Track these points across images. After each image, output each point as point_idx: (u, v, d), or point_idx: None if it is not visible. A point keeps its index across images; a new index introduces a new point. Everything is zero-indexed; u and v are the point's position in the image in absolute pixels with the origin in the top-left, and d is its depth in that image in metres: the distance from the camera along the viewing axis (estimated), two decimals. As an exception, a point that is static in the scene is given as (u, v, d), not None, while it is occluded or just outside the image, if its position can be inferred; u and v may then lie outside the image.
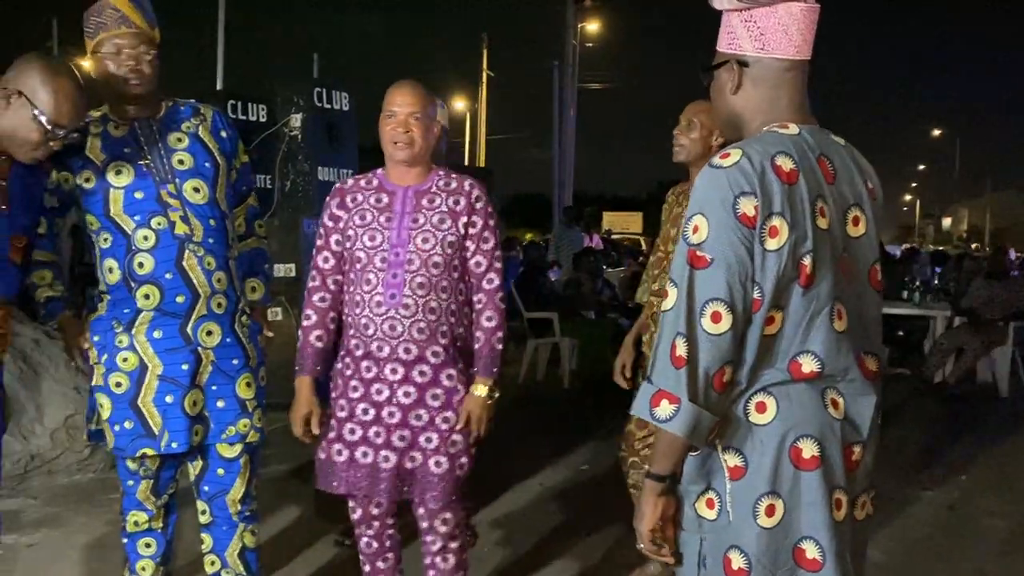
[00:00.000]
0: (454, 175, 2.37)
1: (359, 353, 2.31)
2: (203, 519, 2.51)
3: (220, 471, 2.44)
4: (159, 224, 2.28)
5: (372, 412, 2.30)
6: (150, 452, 2.31)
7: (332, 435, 2.34)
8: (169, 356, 2.30)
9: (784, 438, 1.45)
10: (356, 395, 2.31)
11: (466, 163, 23.58)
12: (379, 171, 2.39)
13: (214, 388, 2.36)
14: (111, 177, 2.28)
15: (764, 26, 1.49)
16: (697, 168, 2.89)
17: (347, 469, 2.31)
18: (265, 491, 2.60)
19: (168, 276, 2.27)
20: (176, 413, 2.30)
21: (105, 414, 2.32)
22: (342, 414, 2.33)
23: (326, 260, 2.37)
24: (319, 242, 2.39)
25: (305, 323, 2.39)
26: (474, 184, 2.35)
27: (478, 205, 2.31)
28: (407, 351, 2.26)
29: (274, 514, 3.65)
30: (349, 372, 2.33)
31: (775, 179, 1.41)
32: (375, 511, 2.39)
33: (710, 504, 1.50)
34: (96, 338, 2.34)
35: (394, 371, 2.27)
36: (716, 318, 1.39)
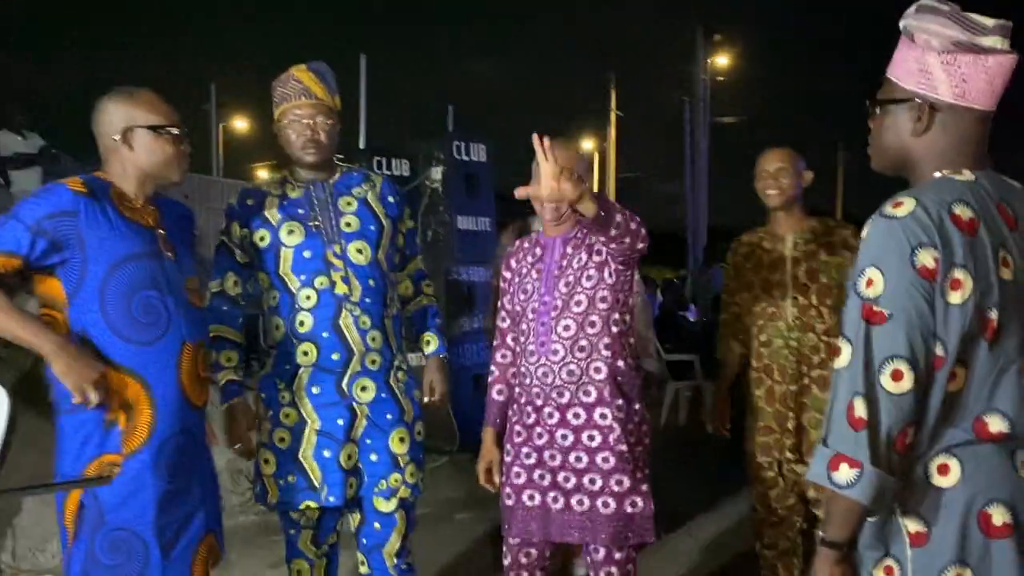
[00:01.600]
0: None
1: (523, 400, 2.36)
2: (362, 569, 2.57)
3: (376, 525, 2.48)
4: (321, 284, 2.38)
5: (534, 456, 2.33)
6: (312, 505, 2.39)
7: (501, 479, 2.41)
8: (326, 411, 2.38)
9: (971, 503, 1.35)
10: (519, 439, 2.36)
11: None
12: (541, 229, 2.46)
13: (368, 442, 2.43)
14: (284, 236, 2.40)
15: (968, 73, 1.40)
16: (788, 212, 2.79)
17: (516, 512, 2.34)
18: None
19: (325, 335, 2.37)
20: (333, 467, 2.38)
21: (270, 469, 2.41)
22: (508, 458, 2.39)
23: (503, 319, 2.49)
24: (499, 302, 2.52)
25: (489, 378, 2.51)
26: None
27: None
28: (560, 394, 2.28)
29: (415, 558, 3.71)
30: (515, 418, 2.39)
31: (954, 229, 1.34)
32: (523, 559, 2.38)
33: (889, 572, 1.42)
34: (263, 395, 2.45)
35: (551, 415, 2.30)
36: (897, 376, 1.32)
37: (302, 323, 2.38)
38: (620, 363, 2.28)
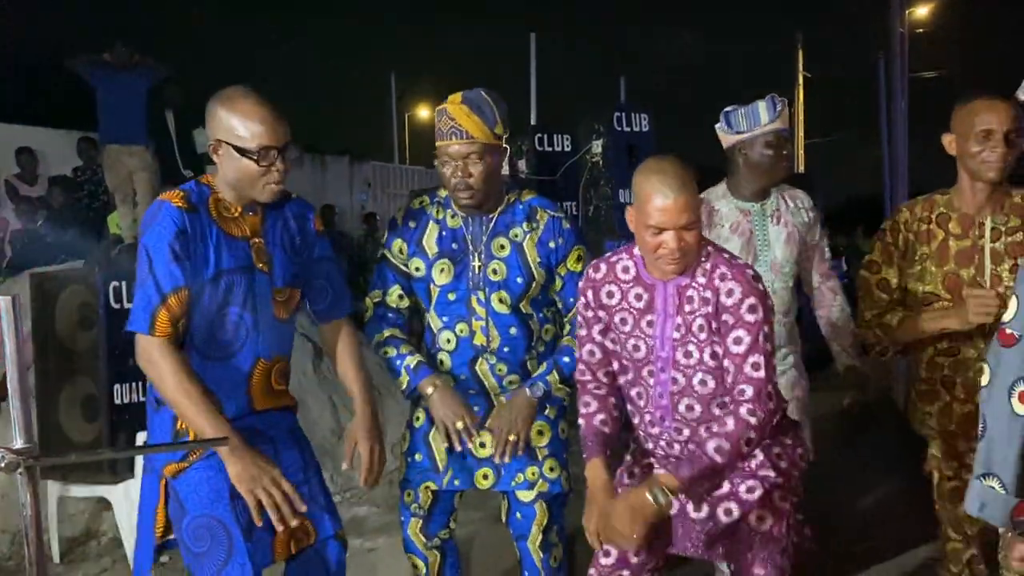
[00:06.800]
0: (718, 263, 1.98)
1: (638, 453, 2.18)
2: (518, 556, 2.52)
3: (519, 515, 2.44)
4: (461, 331, 2.36)
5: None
6: (432, 487, 2.40)
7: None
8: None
9: None
10: (631, 481, 2.13)
11: (784, 171, 22.36)
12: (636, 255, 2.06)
13: None
14: (435, 274, 2.36)
15: None
16: (995, 186, 2.24)
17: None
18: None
19: (462, 377, 2.39)
20: (461, 452, 2.37)
21: (404, 446, 2.46)
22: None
23: (592, 353, 2.13)
24: (580, 332, 2.17)
25: (584, 408, 2.13)
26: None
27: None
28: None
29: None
30: (624, 467, 2.19)
31: None
32: (634, 559, 2.05)
33: None
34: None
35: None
36: None
37: (441, 362, 2.41)
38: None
